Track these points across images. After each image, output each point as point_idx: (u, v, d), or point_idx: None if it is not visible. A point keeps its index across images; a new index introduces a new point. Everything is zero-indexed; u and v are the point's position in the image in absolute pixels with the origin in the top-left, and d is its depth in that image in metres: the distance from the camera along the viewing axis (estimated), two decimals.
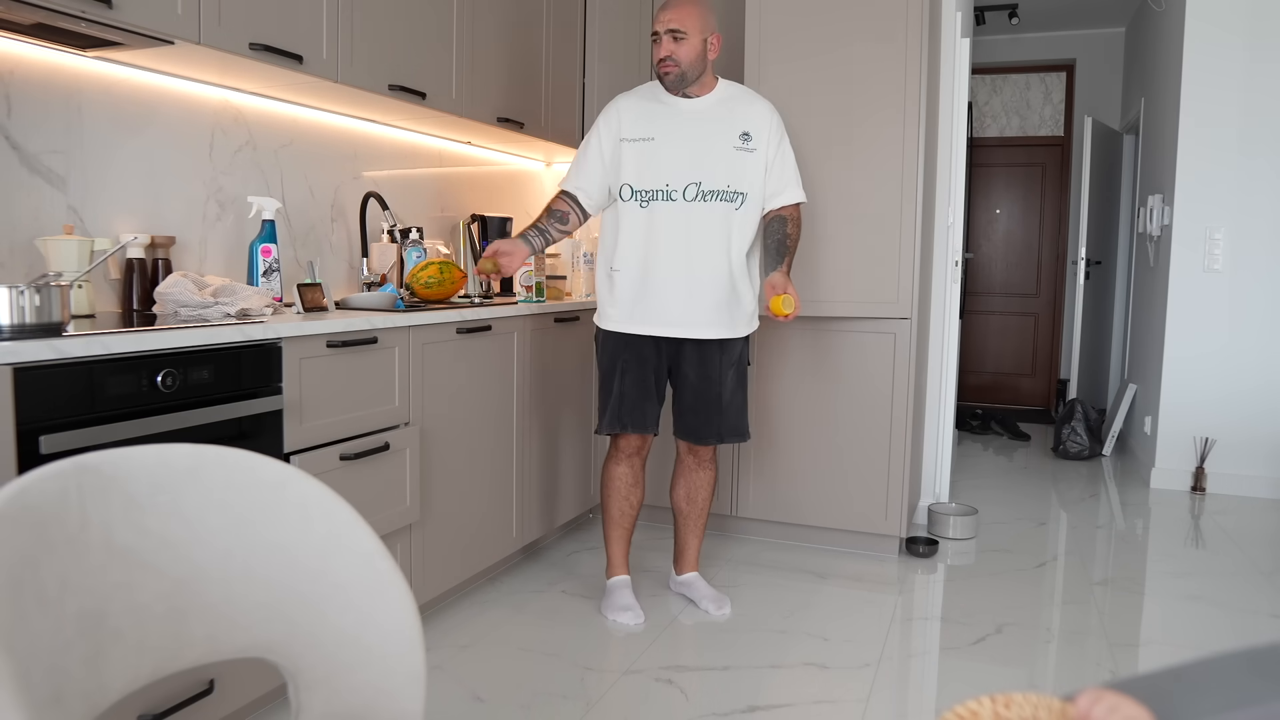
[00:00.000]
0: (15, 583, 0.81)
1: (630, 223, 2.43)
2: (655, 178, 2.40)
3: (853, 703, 2.11)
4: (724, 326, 2.47)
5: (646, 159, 2.40)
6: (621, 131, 2.44)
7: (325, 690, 1.09)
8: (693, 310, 2.43)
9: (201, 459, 1.06)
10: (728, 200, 2.40)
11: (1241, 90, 4.05)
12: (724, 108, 2.45)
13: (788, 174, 2.50)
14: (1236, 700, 0.65)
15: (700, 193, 2.39)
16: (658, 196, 2.40)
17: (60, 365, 1.47)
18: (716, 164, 2.39)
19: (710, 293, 2.42)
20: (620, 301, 2.47)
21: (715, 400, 2.52)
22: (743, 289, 2.49)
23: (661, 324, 2.44)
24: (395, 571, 1.09)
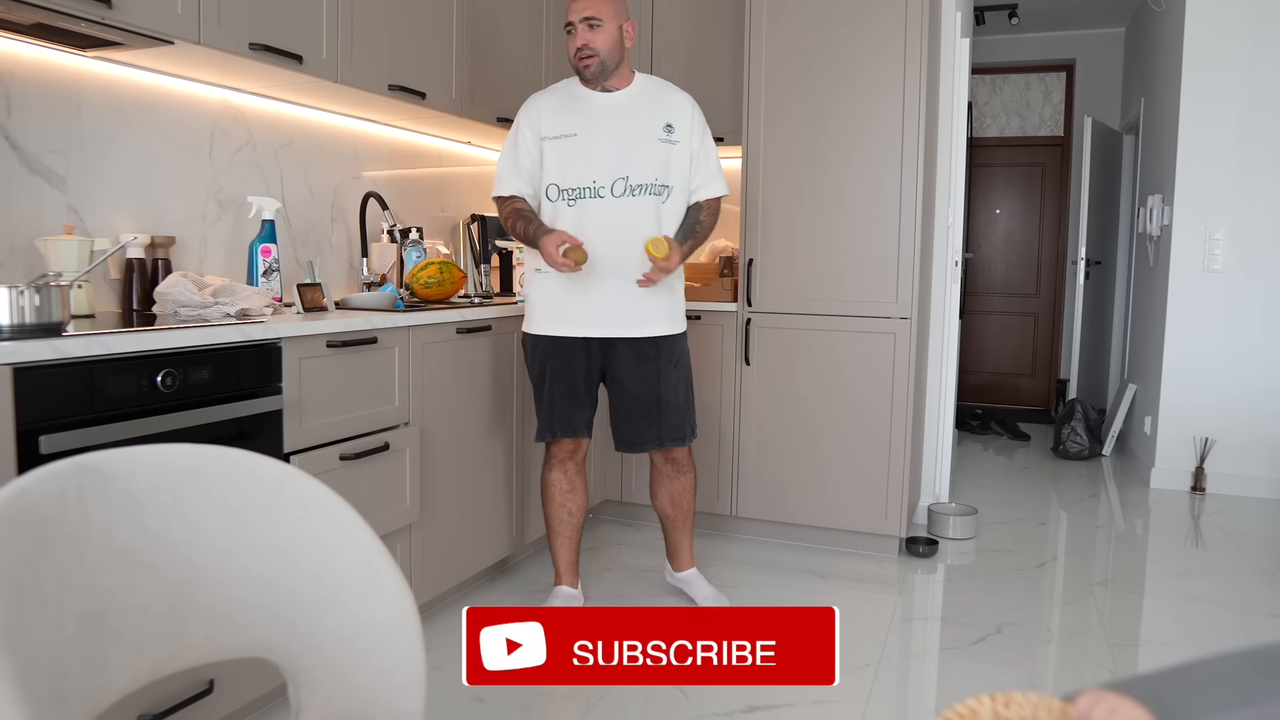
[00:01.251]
0: (15, 583, 0.81)
1: (561, 223, 2.34)
2: (581, 175, 2.33)
3: (853, 703, 2.11)
4: (661, 323, 2.41)
5: (570, 156, 2.34)
6: (542, 130, 2.37)
7: (325, 690, 1.09)
8: (627, 308, 2.36)
9: (201, 459, 1.06)
10: (655, 194, 2.35)
11: (1241, 90, 4.05)
12: (644, 100, 2.40)
13: (710, 168, 2.44)
14: (1236, 700, 0.65)
15: (628, 187, 2.32)
16: (585, 194, 2.33)
17: (60, 365, 1.47)
18: (643, 158, 2.34)
19: (652, 291, 2.36)
20: (548, 304, 2.40)
21: (654, 402, 2.44)
22: (676, 283, 2.45)
23: (595, 324, 2.37)
24: (395, 571, 1.09)
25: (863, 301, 3.07)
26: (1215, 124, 4.10)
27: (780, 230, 3.17)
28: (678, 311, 2.47)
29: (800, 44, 3.10)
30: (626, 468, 3.45)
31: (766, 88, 3.15)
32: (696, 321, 3.31)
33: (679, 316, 2.47)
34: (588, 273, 2.29)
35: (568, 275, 2.30)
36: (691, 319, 3.29)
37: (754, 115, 3.18)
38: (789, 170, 3.15)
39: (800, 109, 3.11)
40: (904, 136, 2.98)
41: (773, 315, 3.20)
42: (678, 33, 3.53)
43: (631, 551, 3.18)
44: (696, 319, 3.31)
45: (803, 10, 3.09)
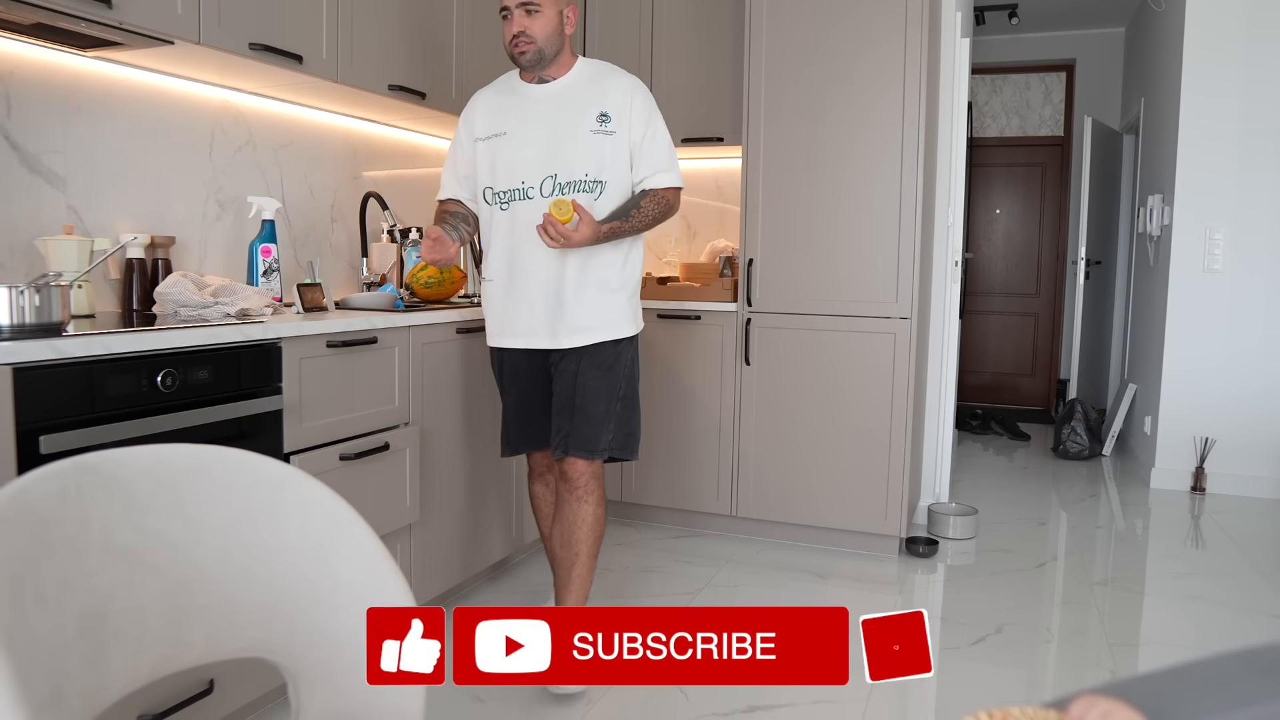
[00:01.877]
0: (15, 583, 0.81)
1: (496, 228, 2.20)
2: (511, 176, 2.16)
3: (853, 703, 2.11)
4: (596, 330, 2.20)
5: (500, 157, 2.17)
6: (475, 130, 2.22)
7: (325, 690, 1.09)
8: (560, 317, 2.17)
9: (201, 459, 1.06)
10: (587, 191, 2.14)
11: (1241, 89, 4.05)
12: (581, 89, 2.19)
13: (657, 157, 2.19)
14: (1236, 700, 0.65)
15: (557, 186, 2.13)
16: (516, 196, 2.15)
17: (60, 365, 1.47)
18: (574, 153, 2.13)
19: (577, 295, 2.17)
20: (493, 315, 2.26)
21: (567, 404, 2.21)
22: (615, 286, 2.22)
23: (529, 334, 2.20)
24: (395, 571, 1.09)
25: (863, 301, 3.07)
26: (1215, 123, 4.10)
27: (780, 230, 3.17)
28: (618, 318, 2.24)
29: (800, 44, 3.10)
30: (626, 467, 3.45)
31: (766, 87, 3.15)
32: (696, 322, 3.31)
33: (619, 323, 2.24)
34: (524, 280, 2.17)
35: (507, 284, 2.19)
36: (691, 319, 3.32)
37: (754, 115, 3.18)
38: (789, 170, 3.15)
39: (800, 109, 3.11)
40: (904, 136, 2.98)
41: (773, 315, 3.20)
42: (678, 34, 3.53)
43: (632, 551, 3.18)
44: (696, 319, 3.31)
45: (802, 10, 3.09)
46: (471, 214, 2.30)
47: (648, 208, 2.18)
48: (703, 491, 3.35)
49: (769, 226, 3.18)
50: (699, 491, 3.36)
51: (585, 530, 2.23)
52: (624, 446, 2.29)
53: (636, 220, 2.16)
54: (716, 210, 3.83)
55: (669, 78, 3.54)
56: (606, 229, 2.09)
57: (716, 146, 3.50)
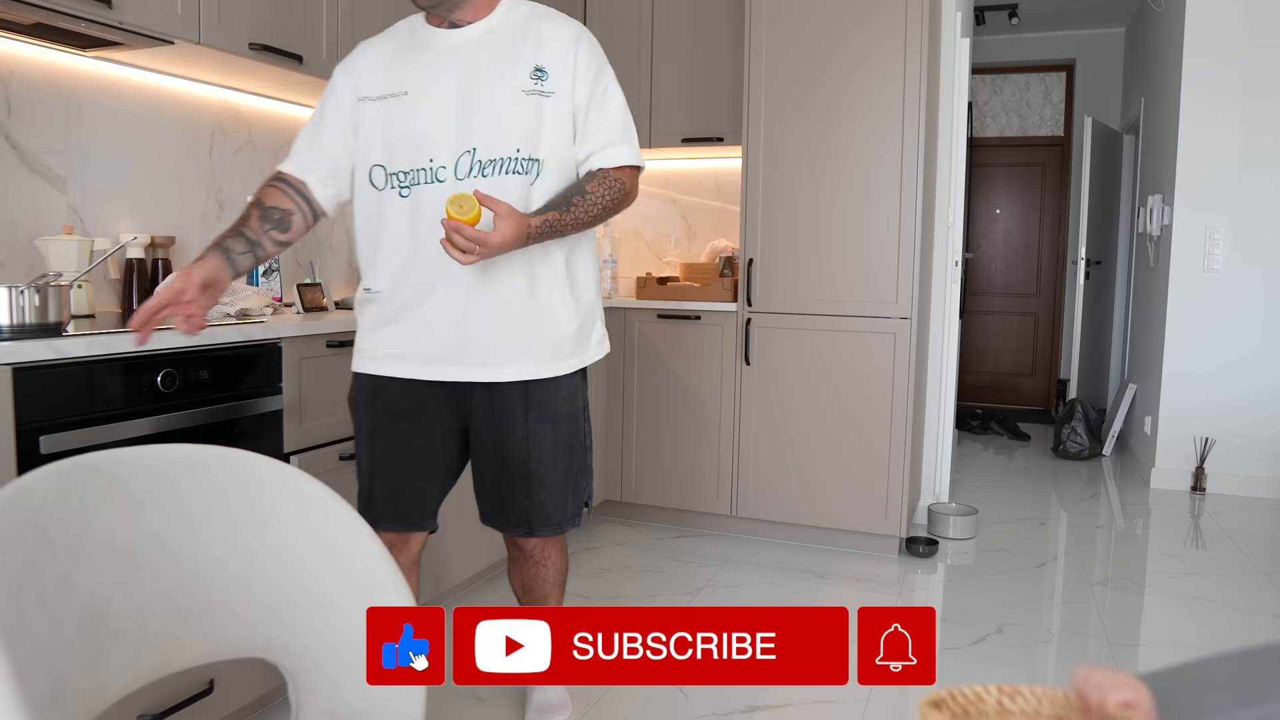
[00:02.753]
0: (15, 583, 0.81)
1: (390, 219, 1.61)
2: (414, 151, 1.58)
3: (853, 703, 2.11)
4: (527, 361, 1.64)
5: (398, 124, 1.59)
6: (361, 86, 1.63)
7: (325, 690, 1.09)
8: (474, 339, 1.61)
9: (201, 459, 1.06)
10: (520, 172, 1.58)
11: (1241, 89, 4.05)
12: (508, 36, 1.62)
13: (608, 125, 1.66)
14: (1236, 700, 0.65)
15: (476, 164, 1.56)
16: (421, 178, 1.58)
17: (60, 365, 1.47)
18: (498, 119, 1.57)
19: (503, 311, 1.61)
20: (375, 331, 1.67)
21: (519, 471, 1.69)
22: (556, 300, 1.66)
23: (430, 362, 1.62)
24: (395, 572, 1.09)
25: (863, 301, 3.07)
26: (1215, 123, 4.10)
27: (780, 230, 3.17)
28: (568, 343, 1.68)
29: (800, 43, 3.10)
30: (626, 467, 3.45)
31: (766, 87, 3.15)
32: (696, 322, 3.31)
33: (557, 349, 1.67)
34: (433, 291, 1.60)
35: (404, 294, 1.62)
36: (691, 319, 3.32)
37: (754, 115, 3.18)
38: (789, 170, 3.15)
39: (800, 108, 3.11)
40: (904, 136, 2.99)
41: (773, 315, 3.20)
42: (678, 34, 3.53)
43: (631, 551, 3.18)
44: (696, 319, 3.31)
45: (802, 10, 3.09)
46: (304, 207, 1.66)
47: (596, 194, 1.61)
48: (703, 491, 3.35)
49: (769, 226, 3.18)
50: (699, 491, 3.36)
51: (550, 586, 1.87)
52: (578, 512, 1.80)
53: (581, 211, 1.58)
54: (716, 210, 3.83)
55: (669, 78, 3.54)
56: (539, 223, 1.52)
57: (716, 146, 3.50)
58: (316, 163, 1.66)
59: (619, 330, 3.42)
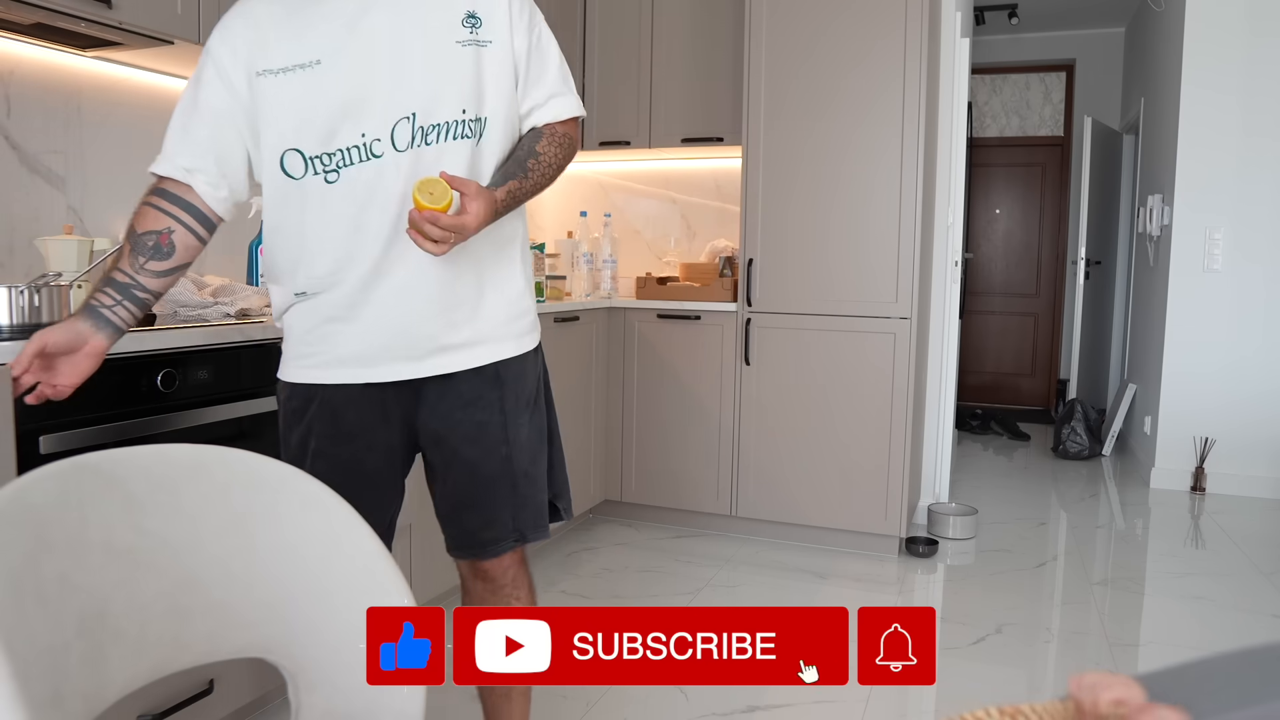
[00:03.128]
0: (15, 583, 0.81)
1: (316, 211, 1.36)
2: (338, 127, 1.33)
3: (853, 703, 2.11)
4: (498, 338, 1.45)
5: (313, 99, 1.33)
6: (252, 58, 1.35)
7: (325, 690, 1.09)
8: (432, 327, 1.39)
9: (201, 459, 1.06)
10: (466, 135, 1.37)
11: (1241, 89, 4.05)
12: None
13: (550, 74, 1.47)
14: (1236, 700, 0.65)
15: (418, 132, 1.34)
16: (352, 157, 1.34)
17: None
18: (436, 76, 1.35)
19: (461, 287, 1.40)
20: (308, 335, 1.42)
21: (501, 471, 1.46)
22: (515, 264, 1.49)
23: (376, 362, 1.39)
24: (395, 571, 1.09)
25: (863, 301, 3.07)
26: (1215, 123, 4.10)
27: (780, 230, 3.17)
28: (522, 312, 1.49)
29: (800, 43, 3.10)
30: (626, 467, 3.45)
31: (766, 87, 3.15)
32: (696, 322, 3.31)
33: (525, 320, 1.50)
34: (381, 286, 1.36)
35: (343, 292, 1.37)
36: (691, 319, 3.32)
37: (754, 115, 3.18)
38: (789, 170, 3.15)
39: (800, 108, 3.11)
40: (904, 136, 2.99)
41: (773, 315, 3.20)
42: (678, 34, 3.53)
43: (631, 551, 3.18)
44: (696, 319, 3.31)
45: (802, 10, 3.09)
46: (185, 219, 1.37)
47: (548, 154, 1.45)
48: (703, 491, 3.35)
49: (769, 226, 3.19)
50: (699, 491, 3.36)
51: None
52: (561, 495, 1.57)
53: (538, 175, 1.43)
54: (716, 210, 3.83)
55: (669, 78, 3.54)
56: (504, 195, 1.35)
57: (716, 146, 3.50)
58: (200, 160, 1.37)
59: (619, 330, 3.42)
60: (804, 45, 3.10)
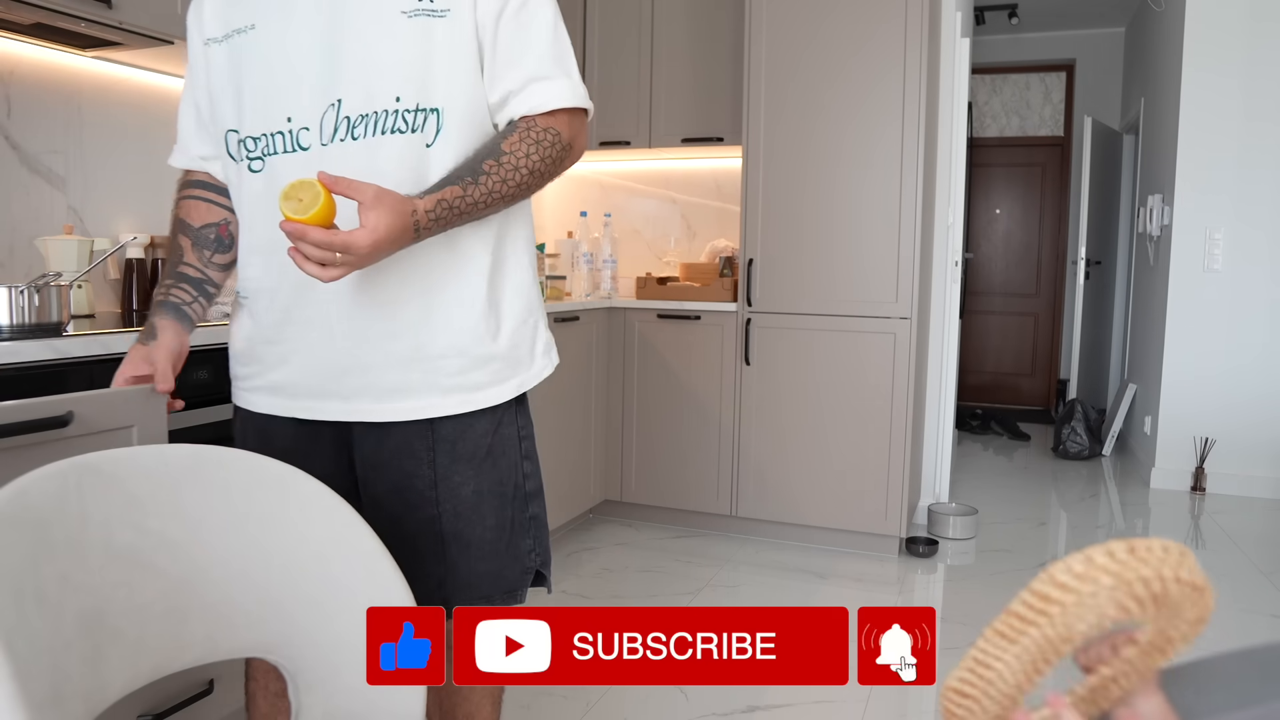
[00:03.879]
0: (15, 582, 0.81)
1: (245, 204, 1.19)
2: (265, 106, 1.14)
3: (853, 703, 2.11)
4: (433, 390, 1.19)
5: (246, 70, 1.15)
6: (205, 25, 1.19)
7: (325, 690, 1.09)
8: (359, 361, 1.17)
9: (201, 459, 1.06)
10: (403, 130, 1.11)
11: (1241, 90, 4.05)
12: None
13: (535, 53, 1.16)
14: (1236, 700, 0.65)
15: (343, 122, 1.11)
16: (277, 145, 1.14)
17: (60, 365, 1.47)
18: (369, 54, 1.11)
19: (396, 320, 1.16)
20: (246, 351, 1.26)
21: (426, 532, 1.22)
22: (474, 301, 1.19)
23: (307, 394, 1.21)
24: (395, 572, 1.09)
25: (863, 301, 3.07)
26: (1215, 123, 4.10)
27: (780, 230, 3.17)
28: (490, 361, 1.22)
29: (800, 43, 3.10)
30: (626, 467, 3.45)
31: (766, 87, 3.15)
32: (696, 322, 3.31)
33: (494, 371, 1.22)
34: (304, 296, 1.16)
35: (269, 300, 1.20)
36: (691, 319, 3.32)
37: (754, 115, 3.18)
38: (789, 170, 3.15)
39: (800, 108, 3.11)
40: (904, 136, 2.99)
41: (773, 315, 3.20)
42: (677, 34, 3.53)
43: (631, 551, 3.18)
44: (696, 319, 3.31)
45: (802, 10, 3.09)
46: (231, 205, 1.25)
47: (517, 154, 1.13)
48: (703, 491, 3.35)
49: (769, 226, 3.19)
50: (699, 491, 3.36)
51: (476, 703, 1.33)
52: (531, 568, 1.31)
53: (495, 180, 1.11)
54: (716, 210, 3.83)
55: (669, 78, 3.54)
56: (430, 206, 1.06)
57: (716, 146, 3.50)
58: (211, 146, 1.24)
59: (619, 330, 3.42)
60: (804, 45, 3.10)
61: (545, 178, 1.17)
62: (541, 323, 1.30)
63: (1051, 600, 0.55)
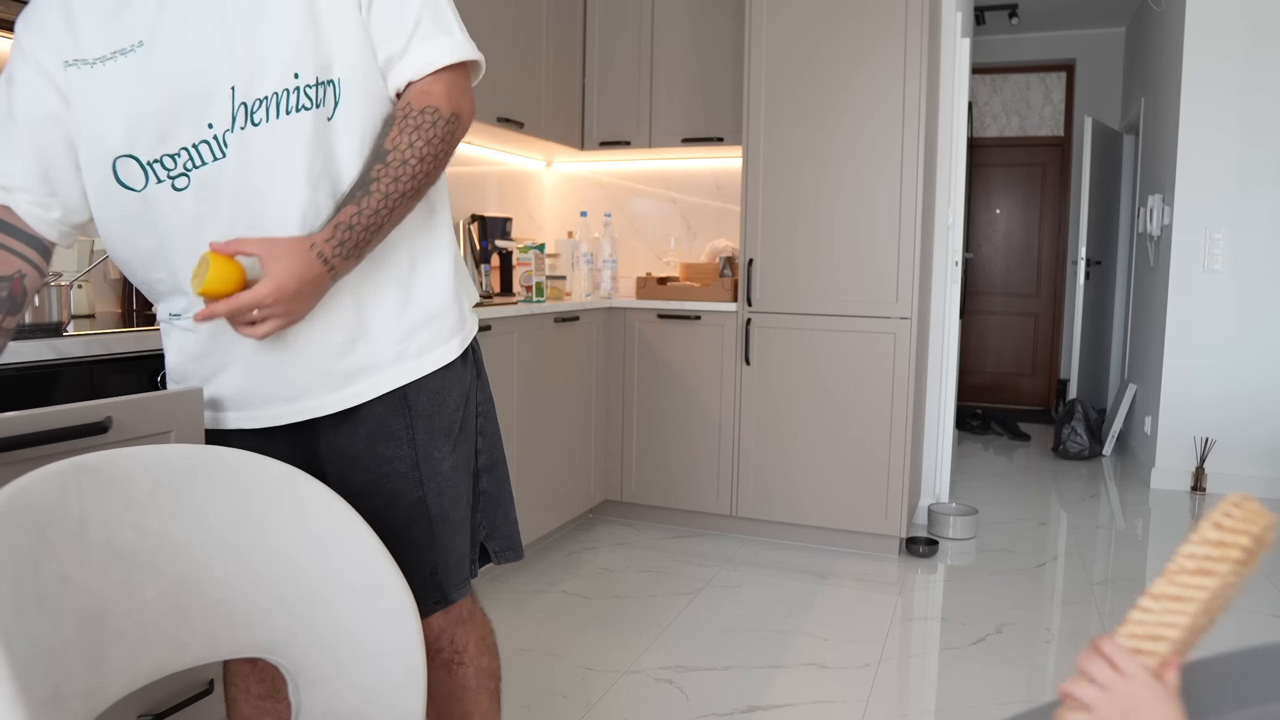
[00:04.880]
0: (15, 583, 0.81)
1: (170, 224, 1.10)
2: (177, 120, 1.07)
3: (853, 703, 2.11)
4: (406, 356, 1.18)
5: (142, 90, 1.06)
6: (62, 46, 1.08)
7: (325, 690, 1.09)
8: (314, 355, 1.15)
9: (202, 459, 1.06)
10: (304, 107, 1.07)
11: (1241, 90, 4.05)
12: None
13: (412, 11, 1.10)
14: (1237, 700, 0.65)
15: (240, 110, 1.06)
16: (202, 155, 1.08)
17: (60, 365, 1.47)
18: (263, 34, 1.06)
19: (334, 307, 1.13)
20: (175, 370, 1.24)
21: (415, 517, 1.20)
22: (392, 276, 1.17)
23: (287, 400, 1.17)
24: (395, 571, 1.09)
25: (863, 301, 3.07)
26: (1215, 124, 4.10)
27: (780, 230, 3.17)
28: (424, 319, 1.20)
29: (800, 44, 3.10)
30: (626, 467, 3.45)
31: (766, 87, 3.15)
32: (696, 322, 3.31)
33: (431, 330, 1.21)
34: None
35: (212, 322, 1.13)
36: (691, 319, 3.32)
37: (754, 115, 3.18)
38: (789, 170, 3.15)
39: (800, 109, 3.11)
40: (904, 136, 2.99)
41: (773, 315, 3.20)
42: (678, 34, 3.53)
43: (631, 551, 3.18)
44: (696, 319, 3.31)
45: (802, 10, 3.09)
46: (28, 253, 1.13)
47: (399, 148, 1.08)
48: (703, 491, 3.35)
49: (769, 226, 3.19)
50: (699, 491, 3.36)
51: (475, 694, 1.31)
52: (508, 538, 1.35)
53: (388, 185, 1.08)
54: (716, 210, 3.83)
55: (669, 78, 3.54)
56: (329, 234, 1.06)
57: (716, 146, 3.50)
58: (23, 176, 1.10)
59: (619, 330, 3.42)
60: (804, 45, 3.10)
61: (440, 160, 1.13)
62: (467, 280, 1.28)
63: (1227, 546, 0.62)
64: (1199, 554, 0.63)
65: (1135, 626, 0.65)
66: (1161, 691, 0.63)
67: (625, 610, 2.65)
